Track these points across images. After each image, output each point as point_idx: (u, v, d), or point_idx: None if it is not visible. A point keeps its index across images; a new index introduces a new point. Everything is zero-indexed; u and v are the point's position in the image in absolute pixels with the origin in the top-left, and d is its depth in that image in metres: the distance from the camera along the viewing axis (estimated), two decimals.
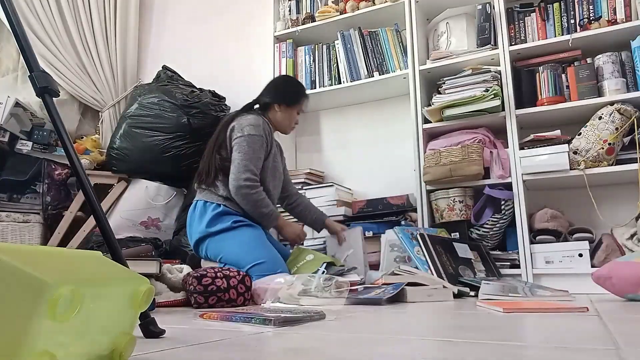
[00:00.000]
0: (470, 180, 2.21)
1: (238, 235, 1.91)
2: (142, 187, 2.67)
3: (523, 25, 2.31)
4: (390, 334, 0.83)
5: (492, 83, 2.23)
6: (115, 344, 0.55)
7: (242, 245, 1.88)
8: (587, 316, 1.06)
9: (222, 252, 1.89)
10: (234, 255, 1.85)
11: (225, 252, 1.89)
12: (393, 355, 0.62)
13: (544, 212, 2.11)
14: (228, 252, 1.88)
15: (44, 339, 0.43)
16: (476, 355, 0.61)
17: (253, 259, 1.82)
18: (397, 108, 2.70)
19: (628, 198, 2.14)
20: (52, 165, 2.74)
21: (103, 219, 0.86)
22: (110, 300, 0.54)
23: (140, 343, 0.70)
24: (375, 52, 2.60)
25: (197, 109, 2.69)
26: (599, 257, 1.95)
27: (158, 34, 3.55)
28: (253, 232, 1.94)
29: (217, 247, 1.92)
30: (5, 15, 0.93)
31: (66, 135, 0.89)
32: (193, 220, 2.00)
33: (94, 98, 3.20)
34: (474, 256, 2.02)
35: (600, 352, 0.63)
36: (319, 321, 1.03)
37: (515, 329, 0.88)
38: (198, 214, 1.98)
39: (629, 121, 2.00)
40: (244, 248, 1.87)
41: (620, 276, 1.47)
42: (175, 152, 2.62)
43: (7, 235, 2.50)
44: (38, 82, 0.89)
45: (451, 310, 1.26)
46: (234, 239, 1.90)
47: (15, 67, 3.57)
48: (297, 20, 2.81)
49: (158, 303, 1.49)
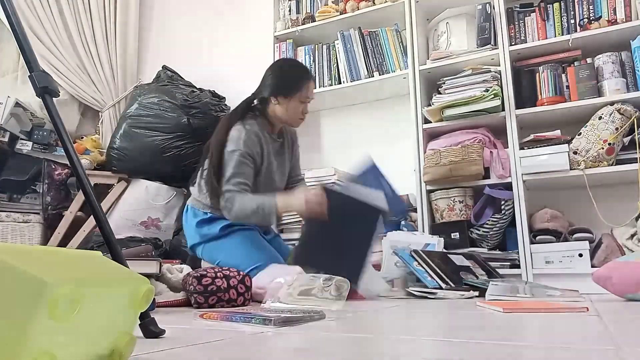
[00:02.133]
0: (470, 180, 2.21)
1: (230, 241, 1.85)
2: (142, 187, 2.67)
3: (523, 25, 2.31)
4: (391, 334, 0.83)
5: (492, 83, 2.23)
6: (115, 344, 0.55)
7: (236, 251, 1.82)
8: (587, 316, 1.06)
9: (217, 258, 1.85)
10: (231, 260, 1.78)
11: (220, 258, 1.84)
12: (393, 355, 0.62)
13: (544, 212, 2.11)
14: (224, 259, 1.82)
15: (44, 339, 0.43)
16: (476, 355, 0.61)
17: (250, 264, 1.76)
18: (397, 108, 2.69)
19: (628, 198, 2.14)
20: (52, 165, 2.74)
21: (103, 219, 0.86)
22: (110, 300, 0.54)
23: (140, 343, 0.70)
24: (375, 52, 2.60)
25: (197, 109, 2.69)
26: (599, 257, 1.95)
27: (158, 34, 3.55)
28: (245, 235, 1.86)
29: (211, 253, 1.88)
30: (5, 16, 0.93)
31: (66, 135, 0.88)
32: (185, 224, 2.00)
33: (94, 98, 3.20)
34: (471, 264, 2.02)
35: (600, 352, 0.63)
36: (319, 321, 1.03)
37: (515, 329, 0.88)
38: (189, 219, 1.96)
39: (629, 121, 2.00)
40: (239, 253, 1.81)
41: (620, 276, 1.47)
42: (175, 152, 2.62)
43: (7, 235, 2.50)
44: (38, 82, 0.89)
45: (451, 310, 1.26)
46: (227, 245, 1.85)
47: (15, 67, 3.57)
48: (297, 20, 2.81)
49: (158, 303, 1.49)
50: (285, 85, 1.89)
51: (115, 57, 3.33)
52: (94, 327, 0.51)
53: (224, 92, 2.94)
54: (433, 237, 2.12)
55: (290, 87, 1.88)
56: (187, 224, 1.98)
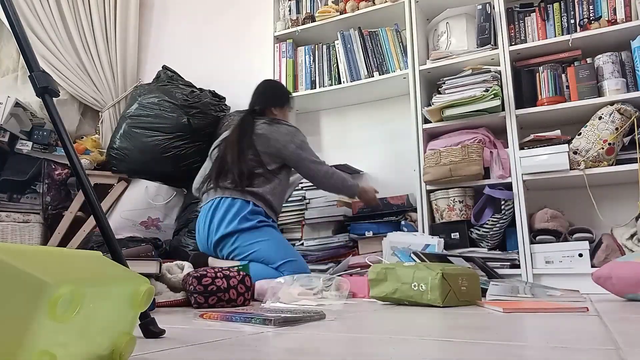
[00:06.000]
0: (470, 180, 2.21)
1: (268, 233, 2.00)
2: (142, 187, 2.67)
3: (523, 25, 2.31)
4: (390, 334, 0.83)
5: (492, 83, 2.23)
6: (115, 344, 0.55)
7: (274, 243, 1.99)
8: (587, 316, 1.06)
9: (254, 247, 1.96)
10: (268, 250, 1.94)
11: (258, 246, 1.96)
12: (393, 355, 0.62)
13: (544, 212, 2.11)
14: (262, 247, 1.95)
15: (44, 339, 0.43)
16: (476, 355, 0.61)
17: (286, 256, 1.95)
18: (397, 108, 2.69)
19: (628, 198, 2.14)
20: (52, 165, 2.74)
21: (103, 219, 0.86)
22: (110, 300, 0.54)
23: (140, 343, 0.70)
24: (375, 52, 2.60)
25: (197, 109, 2.69)
26: (599, 257, 1.95)
27: (158, 34, 3.55)
28: (278, 232, 2.09)
29: (249, 242, 1.97)
30: (5, 16, 0.93)
31: (66, 135, 0.88)
32: (218, 217, 2.02)
33: (94, 98, 3.20)
34: (470, 266, 2.02)
35: (600, 352, 0.63)
36: (319, 321, 1.03)
37: (515, 329, 0.88)
38: (226, 211, 2.01)
39: (629, 121, 2.00)
40: (276, 245, 1.98)
41: (620, 276, 1.47)
42: (175, 152, 2.62)
43: (7, 235, 2.50)
44: (38, 82, 0.89)
45: (451, 310, 1.26)
46: (266, 235, 1.99)
47: (15, 67, 3.57)
48: (297, 20, 2.81)
49: (158, 303, 1.49)
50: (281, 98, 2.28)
51: (115, 57, 3.33)
52: (94, 327, 0.51)
53: (224, 92, 2.94)
54: (433, 238, 2.12)
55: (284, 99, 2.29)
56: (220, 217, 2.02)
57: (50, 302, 0.42)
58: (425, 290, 1.37)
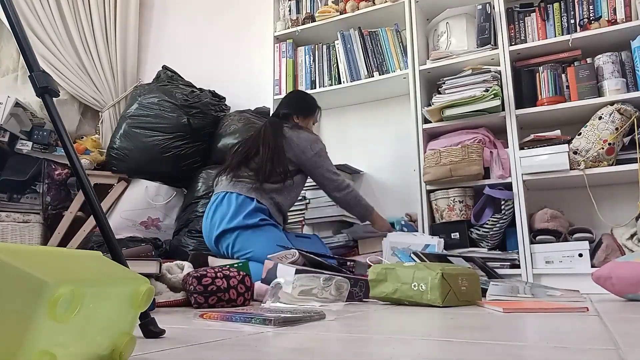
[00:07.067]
0: (470, 180, 2.21)
1: (268, 232, 2.00)
2: (142, 187, 2.67)
3: (523, 25, 2.31)
4: (390, 334, 0.83)
5: (492, 83, 2.23)
6: (115, 344, 0.55)
7: (273, 242, 1.96)
8: (587, 316, 1.06)
9: (253, 246, 1.97)
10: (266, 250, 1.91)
11: (257, 246, 1.96)
12: (393, 355, 0.62)
13: (544, 212, 2.11)
14: (260, 246, 1.94)
15: (44, 339, 0.43)
16: (476, 355, 0.61)
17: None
18: (397, 108, 2.70)
19: (628, 198, 2.14)
20: (52, 165, 2.74)
21: (103, 219, 0.86)
22: (110, 300, 0.54)
23: (140, 343, 0.70)
24: (375, 52, 2.60)
25: (197, 109, 2.69)
26: (599, 257, 1.95)
27: (158, 34, 3.55)
28: (279, 231, 2.06)
29: (248, 239, 1.98)
30: (5, 16, 0.93)
31: (66, 135, 0.88)
32: (221, 212, 2.03)
33: (94, 98, 3.20)
34: (470, 266, 2.02)
35: (600, 352, 0.63)
36: (319, 321, 1.03)
37: (515, 329, 0.88)
38: (229, 206, 2.02)
39: (629, 121, 2.00)
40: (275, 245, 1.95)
41: (620, 276, 1.47)
42: (175, 152, 2.63)
43: (7, 235, 2.50)
44: (38, 82, 0.89)
45: (451, 310, 1.26)
46: (265, 234, 1.99)
47: (15, 67, 3.57)
48: (297, 20, 2.81)
49: (158, 303, 1.49)
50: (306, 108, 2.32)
51: (115, 57, 3.33)
52: (94, 327, 0.51)
53: (224, 92, 2.94)
54: (433, 238, 2.12)
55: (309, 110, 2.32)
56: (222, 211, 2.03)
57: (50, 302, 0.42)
58: (425, 290, 1.37)
